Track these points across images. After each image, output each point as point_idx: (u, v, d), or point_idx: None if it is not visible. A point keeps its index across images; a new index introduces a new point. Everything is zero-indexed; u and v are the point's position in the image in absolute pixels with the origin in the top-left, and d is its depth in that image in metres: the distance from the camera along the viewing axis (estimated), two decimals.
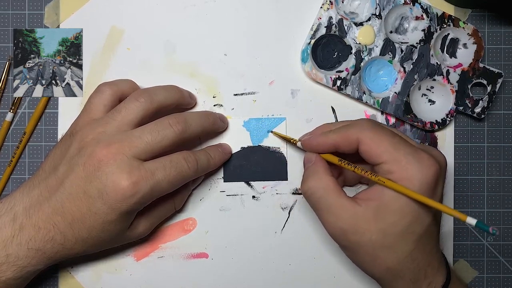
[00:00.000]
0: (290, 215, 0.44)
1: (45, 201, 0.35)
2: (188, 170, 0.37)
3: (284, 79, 0.44)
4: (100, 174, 0.34)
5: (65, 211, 0.35)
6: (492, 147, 0.45)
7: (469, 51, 0.43)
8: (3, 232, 0.35)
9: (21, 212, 0.35)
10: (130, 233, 0.38)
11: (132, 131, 0.36)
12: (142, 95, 0.37)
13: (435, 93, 0.44)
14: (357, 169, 0.36)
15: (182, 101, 0.41)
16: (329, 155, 0.38)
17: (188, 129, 0.37)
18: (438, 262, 0.36)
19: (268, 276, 0.44)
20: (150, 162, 0.36)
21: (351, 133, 0.36)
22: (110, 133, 0.36)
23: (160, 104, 0.38)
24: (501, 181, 0.45)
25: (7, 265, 0.35)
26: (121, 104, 0.37)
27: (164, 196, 0.38)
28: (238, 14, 0.44)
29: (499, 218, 0.45)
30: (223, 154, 0.42)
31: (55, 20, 0.44)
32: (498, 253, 0.45)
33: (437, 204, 0.32)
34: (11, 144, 0.44)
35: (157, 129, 0.36)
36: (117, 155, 0.34)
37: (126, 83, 0.40)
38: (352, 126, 0.36)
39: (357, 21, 0.43)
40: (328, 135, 0.37)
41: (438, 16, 0.43)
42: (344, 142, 0.36)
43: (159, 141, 0.36)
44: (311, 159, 0.38)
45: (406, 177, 0.33)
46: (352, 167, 0.36)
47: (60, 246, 0.36)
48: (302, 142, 0.39)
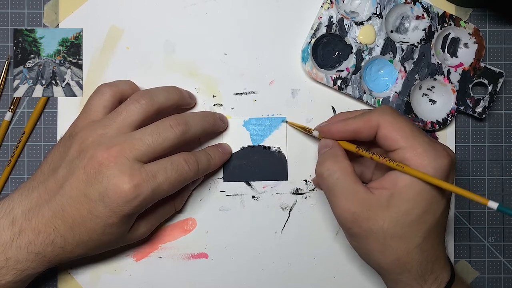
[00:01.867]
0: (290, 215, 0.44)
1: (44, 204, 0.35)
2: (189, 172, 0.37)
3: (284, 79, 0.44)
4: (101, 177, 0.34)
5: (65, 214, 0.35)
6: (493, 147, 0.45)
7: (470, 51, 0.43)
8: (2, 236, 0.34)
9: (20, 215, 0.35)
10: (130, 235, 0.38)
11: (133, 133, 0.36)
12: (142, 96, 0.37)
13: (436, 93, 0.44)
14: (375, 156, 0.35)
15: (182, 102, 0.41)
16: (346, 143, 0.37)
17: (189, 130, 0.37)
18: (445, 258, 0.36)
19: (268, 276, 0.44)
20: (151, 165, 0.35)
21: (373, 118, 0.35)
22: (110, 135, 0.36)
23: (160, 106, 0.38)
24: (502, 181, 0.45)
25: (7, 269, 0.35)
26: (122, 105, 0.37)
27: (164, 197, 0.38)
28: (238, 13, 0.44)
29: (500, 218, 0.45)
30: (223, 154, 0.42)
31: (54, 20, 0.44)
32: (499, 253, 0.44)
33: (455, 187, 0.32)
34: (10, 143, 0.44)
35: (158, 131, 0.36)
36: (118, 158, 0.34)
37: (126, 84, 0.40)
38: (373, 111, 0.36)
39: (358, 21, 0.43)
40: (348, 121, 0.37)
41: (439, 15, 0.43)
42: (365, 127, 0.36)
43: (160, 143, 0.36)
44: (328, 144, 0.38)
45: (421, 164, 0.33)
46: (370, 153, 0.36)
47: (61, 249, 0.36)
48: (320, 129, 0.39)
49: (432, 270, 0.35)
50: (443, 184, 0.33)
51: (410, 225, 0.34)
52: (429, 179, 0.33)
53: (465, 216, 0.44)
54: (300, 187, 0.44)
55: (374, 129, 0.35)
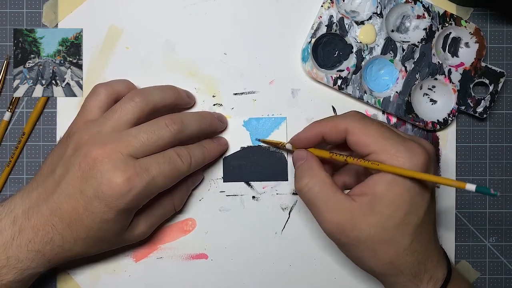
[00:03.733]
0: (291, 215, 0.44)
1: (43, 203, 0.35)
2: (182, 165, 0.37)
3: (285, 79, 0.44)
4: (95, 173, 0.34)
5: (62, 212, 0.35)
6: (494, 147, 0.44)
7: (471, 50, 0.43)
8: (4, 235, 0.35)
9: (21, 215, 0.35)
10: (129, 234, 0.38)
11: (128, 130, 0.36)
12: (137, 95, 0.37)
13: (436, 93, 0.44)
14: (349, 158, 0.36)
15: (179, 101, 0.41)
16: (320, 150, 0.38)
17: (185, 129, 0.37)
18: (438, 255, 0.36)
19: (268, 277, 0.43)
20: (143, 159, 0.36)
21: (339, 123, 0.36)
22: (105, 133, 0.36)
23: (156, 105, 0.38)
24: (503, 182, 0.44)
25: (8, 268, 0.35)
26: (117, 104, 0.37)
27: (163, 195, 0.38)
28: (238, 13, 0.44)
29: (501, 219, 0.44)
30: (218, 145, 0.42)
31: (53, 19, 0.43)
32: (500, 254, 0.44)
33: (433, 177, 0.33)
34: (9, 144, 0.44)
35: (152, 129, 0.36)
36: (113, 154, 0.34)
37: (122, 84, 0.40)
38: (340, 116, 0.37)
39: (358, 20, 0.43)
40: (314, 125, 0.38)
41: (440, 14, 0.42)
42: (331, 130, 0.36)
43: (155, 141, 0.36)
44: (302, 156, 0.38)
45: (396, 166, 0.34)
46: (344, 157, 0.36)
47: (59, 248, 0.36)
48: (291, 140, 0.40)
49: (425, 269, 0.35)
50: (419, 175, 0.33)
51: (395, 228, 0.34)
52: (406, 172, 0.33)
53: (466, 217, 0.44)
54: None
55: (343, 134, 0.36)
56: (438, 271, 0.35)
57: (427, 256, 0.35)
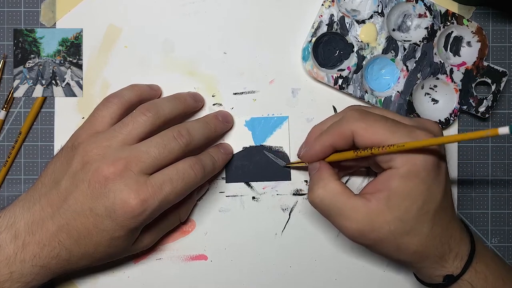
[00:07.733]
0: (291, 216, 0.43)
1: (48, 217, 0.35)
2: (196, 178, 0.37)
3: (285, 78, 0.43)
4: (107, 192, 0.34)
5: (70, 228, 0.34)
6: (497, 147, 0.44)
7: (473, 49, 0.43)
8: (5, 250, 0.34)
9: (23, 229, 0.34)
10: (135, 246, 0.38)
11: (138, 145, 0.36)
12: (149, 109, 0.37)
13: (438, 92, 0.43)
14: (375, 150, 0.34)
15: (187, 111, 0.41)
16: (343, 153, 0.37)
17: (192, 141, 0.37)
18: (460, 231, 0.36)
19: (268, 278, 0.43)
20: (156, 176, 0.35)
21: (344, 129, 0.35)
22: (115, 147, 0.35)
23: (166, 118, 0.38)
24: (505, 182, 0.44)
25: (11, 282, 0.34)
26: (128, 117, 0.37)
27: (169, 209, 0.38)
28: (238, 12, 0.43)
29: (503, 219, 0.44)
30: (226, 155, 0.42)
31: (51, 18, 0.43)
32: (503, 254, 0.44)
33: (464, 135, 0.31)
34: (6, 144, 0.43)
35: (163, 143, 0.36)
36: (124, 171, 0.34)
37: (132, 92, 0.39)
38: (342, 121, 0.36)
39: (359, 19, 0.42)
40: (321, 139, 0.37)
41: (442, 13, 0.42)
42: (339, 140, 0.36)
43: (166, 155, 0.36)
44: (315, 166, 0.38)
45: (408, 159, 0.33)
46: (369, 151, 0.35)
47: (66, 262, 0.35)
48: (301, 158, 0.39)
49: (450, 248, 0.35)
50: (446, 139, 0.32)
51: (414, 219, 0.34)
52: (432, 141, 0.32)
53: (469, 217, 0.44)
54: (300, 188, 0.43)
55: (350, 138, 0.35)
56: (462, 247, 0.36)
57: (450, 236, 0.35)
